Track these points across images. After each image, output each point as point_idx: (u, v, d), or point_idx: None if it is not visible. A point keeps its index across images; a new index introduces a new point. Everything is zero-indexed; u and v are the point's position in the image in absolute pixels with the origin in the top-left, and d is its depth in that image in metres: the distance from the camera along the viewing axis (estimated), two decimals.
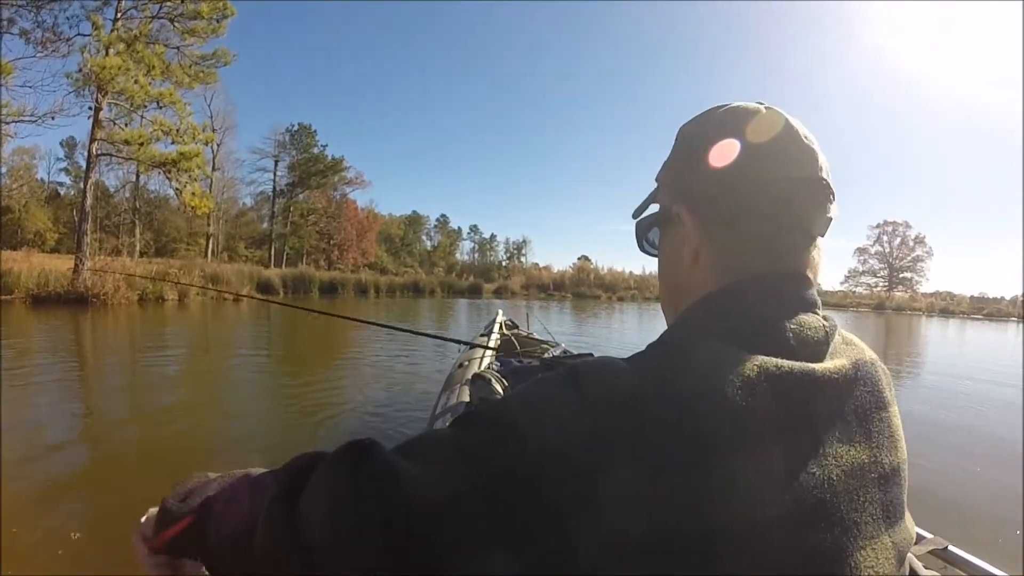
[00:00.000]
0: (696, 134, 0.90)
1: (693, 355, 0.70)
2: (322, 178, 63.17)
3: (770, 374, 0.68)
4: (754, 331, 0.76)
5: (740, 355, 0.70)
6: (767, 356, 0.71)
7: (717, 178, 0.84)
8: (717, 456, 0.61)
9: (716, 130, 0.87)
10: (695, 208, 0.87)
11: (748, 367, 0.68)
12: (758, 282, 0.82)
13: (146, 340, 15.04)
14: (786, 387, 0.68)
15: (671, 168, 0.94)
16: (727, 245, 0.84)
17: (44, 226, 56.52)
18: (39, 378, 8.50)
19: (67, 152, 63.70)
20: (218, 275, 31.41)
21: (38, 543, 3.56)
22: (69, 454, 5.38)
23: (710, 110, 0.92)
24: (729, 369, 0.67)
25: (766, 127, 0.85)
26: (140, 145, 24.34)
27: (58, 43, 24.61)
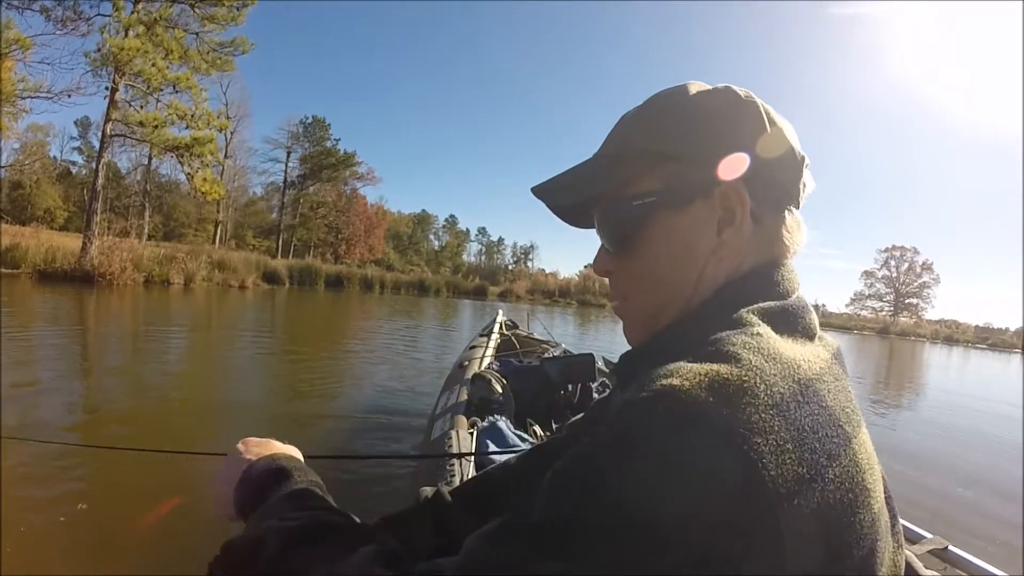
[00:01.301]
0: (726, 109, 0.82)
1: (779, 354, 0.63)
2: (333, 172, 63.17)
3: (829, 366, 0.69)
4: (794, 318, 0.75)
5: (810, 348, 0.71)
6: (814, 345, 0.73)
7: (776, 158, 0.81)
8: (831, 460, 0.58)
9: (747, 111, 0.82)
10: (752, 187, 0.79)
11: (821, 361, 0.68)
12: (780, 267, 0.81)
13: (151, 318, 15.12)
14: (840, 380, 0.69)
15: (701, 143, 0.81)
16: (770, 230, 0.82)
17: (54, 204, 56.69)
18: (42, 351, 8.57)
19: (81, 131, 63.77)
20: (225, 262, 31.42)
21: (42, 514, 3.57)
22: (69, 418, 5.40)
23: (712, 90, 0.85)
24: (815, 365, 0.65)
25: (771, 110, 0.84)
26: (155, 128, 24.45)
27: (78, 22, 24.77)
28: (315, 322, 19.70)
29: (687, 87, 0.86)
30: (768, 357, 0.61)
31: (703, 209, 0.80)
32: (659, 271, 0.83)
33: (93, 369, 8.44)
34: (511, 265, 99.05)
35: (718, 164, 0.78)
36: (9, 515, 3.38)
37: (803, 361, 0.64)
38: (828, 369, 0.67)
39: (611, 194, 0.86)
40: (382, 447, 5.62)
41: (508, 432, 3.27)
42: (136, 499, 3.77)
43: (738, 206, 0.79)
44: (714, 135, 0.81)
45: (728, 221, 0.79)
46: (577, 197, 0.91)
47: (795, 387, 0.59)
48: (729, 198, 0.79)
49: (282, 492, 0.89)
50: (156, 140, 25.13)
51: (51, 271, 22.49)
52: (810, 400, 0.59)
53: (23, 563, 3.05)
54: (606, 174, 0.87)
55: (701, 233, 0.80)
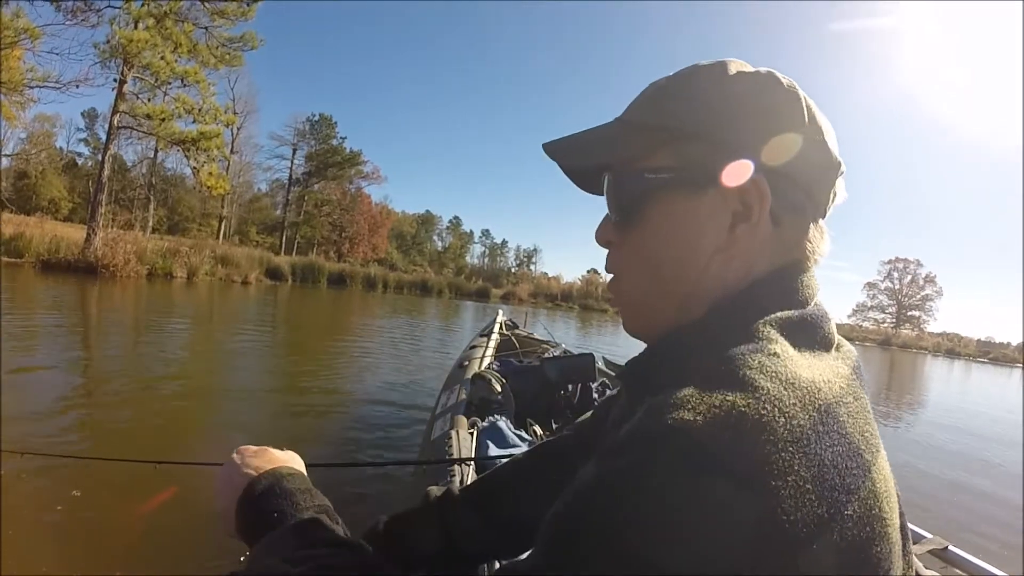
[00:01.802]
0: (765, 96, 0.76)
1: (797, 378, 0.58)
2: (339, 170, 63.38)
3: (849, 384, 0.64)
4: (813, 328, 0.71)
5: (829, 363, 0.66)
6: (833, 357, 0.69)
7: (809, 158, 0.76)
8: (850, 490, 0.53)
9: (787, 100, 0.76)
10: (776, 184, 0.73)
11: (841, 379, 0.63)
12: (800, 273, 0.76)
13: (153, 309, 15.14)
14: (860, 399, 0.64)
15: (730, 127, 0.75)
16: (790, 234, 0.76)
17: (59, 194, 56.76)
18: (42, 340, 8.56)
19: (88, 123, 64.06)
20: (228, 257, 31.49)
21: (37, 497, 3.60)
22: (67, 415, 5.43)
23: (753, 72, 0.78)
24: (836, 386, 0.60)
25: (814, 106, 0.78)
26: (162, 120, 24.56)
27: (88, 13, 24.76)
28: (317, 319, 19.74)
29: (727, 65, 0.79)
30: (786, 383, 0.56)
31: (718, 199, 0.74)
32: (654, 255, 0.78)
33: (93, 359, 8.45)
34: (514, 268, 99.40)
35: (745, 152, 0.73)
36: (6, 513, 3.37)
37: (823, 383, 0.59)
38: (848, 388, 0.63)
39: (625, 162, 0.80)
40: (382, 445, 5.65)
41: (508, 432, 3.26)
42: (131, 493, 3.77)
43: (757, 201, 0.73)
44: (746, 120, 0.75)
45: (744, 216, 0.73)
46: (591, 161, 0.86)
47: (815, 416, 0.54)
48: (748, 191, 0.73)
49: (288, 523, 0.85)
50: (163, 133, 25.21)
51: (55, 261, 22.55)
52: (830, 429, 0.54)
53: (19, 562, 3.05)
54: (624, 141, 0.81)
55: (710, 224, 0.74)
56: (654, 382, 0.65)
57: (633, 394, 0.81)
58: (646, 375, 0.78)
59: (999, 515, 6.08)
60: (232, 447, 1.01)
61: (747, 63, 0.80)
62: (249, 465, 0.96)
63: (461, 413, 3.59)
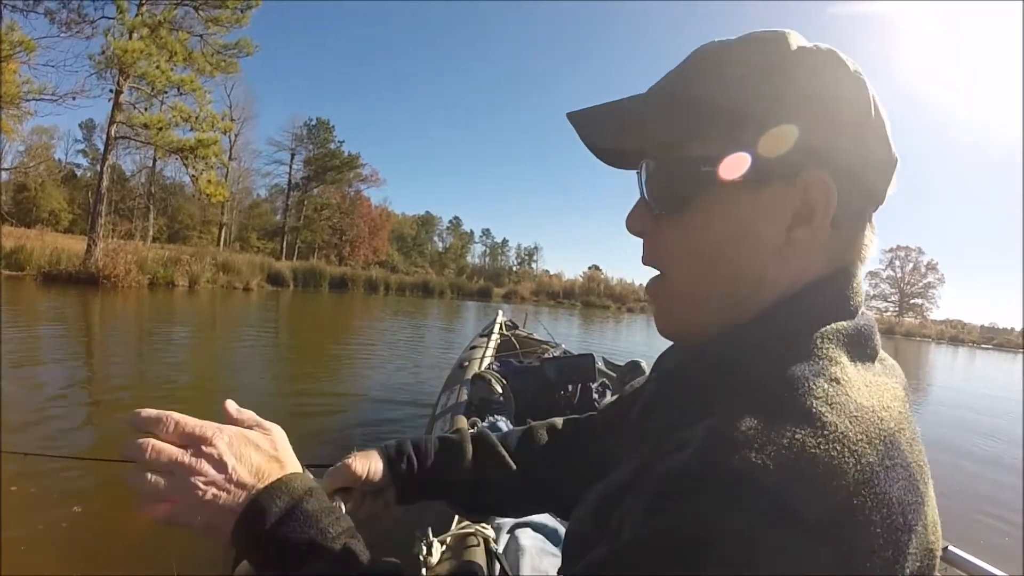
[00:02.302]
0: (833, 82, 0.69)
1: (861, 408, 0.56)
2: (337, 174, 63.32)
3: (904, 406, 0.63)
4: (866, 340, 0.69)
5: (885, 383, 0.64)
6: (884, 371, 0.68)
7: (872, 154, 0.70)
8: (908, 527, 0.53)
9: (855, 89, 0.70)
10: (841, 185, 0.67)
11: (899, 402, 0.62)
12: (852, 278, 0.72)
13: (155, 318, 15.11)
14: (912, 421, 0.64)
15: (796, 116, 0.67)
16: (846, 236, 0.72)
17: (59, 206, 56.79)
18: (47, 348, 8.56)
19: (85, 134, 63.91)
20: (229, 264, 31.44)
21: (39, 515, 3.58)
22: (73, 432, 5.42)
23: (815, 51, 0.71)
24: (895, 410, 0.60)
25: (876, 95, 0.72)
26: (159, 130, 24.54)
27: (82, 24, 24.92)
28: (319, 323, 19.78)
29: (787, 39, 0.71)
30: (852, 416, 0.54)
31: (779, 196, 0.68)
32: (710, 252, 0.72)
33: (96, 367, 8.50)
34: (515, 267, 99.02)
35: (812, 147, 0.67)
36: (7, 518, 3.39)
37: (883, 409, 0.58)
38: (904, 413, 0.62)
39: (670, 147, 0.73)
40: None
41: None
42: (133, 498, 3.75)
43: (821, 203, 0.67)
44: (813, 110, 0.68)
45: (805, 218, 0.68)
46: (629, 143, 0.78)
47: (881, 450, 0.53)
48: (814, 191, 0.67)
49: (321, 560, 0.73)
50: (160, 142, 25.22)
51: (56, 273, 22.52)
52: (894, 461, 0.54)
53: (22, 565, 3.06)
54: (671, 122, 0.73)
55: (770, 223, 0.69)
56: (707, 393, 0.65)
57: (675, 395, 0.77)
58: (694, 381, 0.72)
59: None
60: None
61: (803, 37, 0.73)
62: (242, 467, 0.77)
63: (461, 413, 3.60)
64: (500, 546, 1.93)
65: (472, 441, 1.16)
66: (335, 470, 1.03)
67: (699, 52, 0.76)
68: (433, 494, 1.12)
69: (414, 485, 1.09)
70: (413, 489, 1.09)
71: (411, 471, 1.09)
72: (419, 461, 1.10)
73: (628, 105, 0.78)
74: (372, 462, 1.06)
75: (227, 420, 0.86)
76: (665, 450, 0.58)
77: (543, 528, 2.19)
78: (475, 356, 5.23)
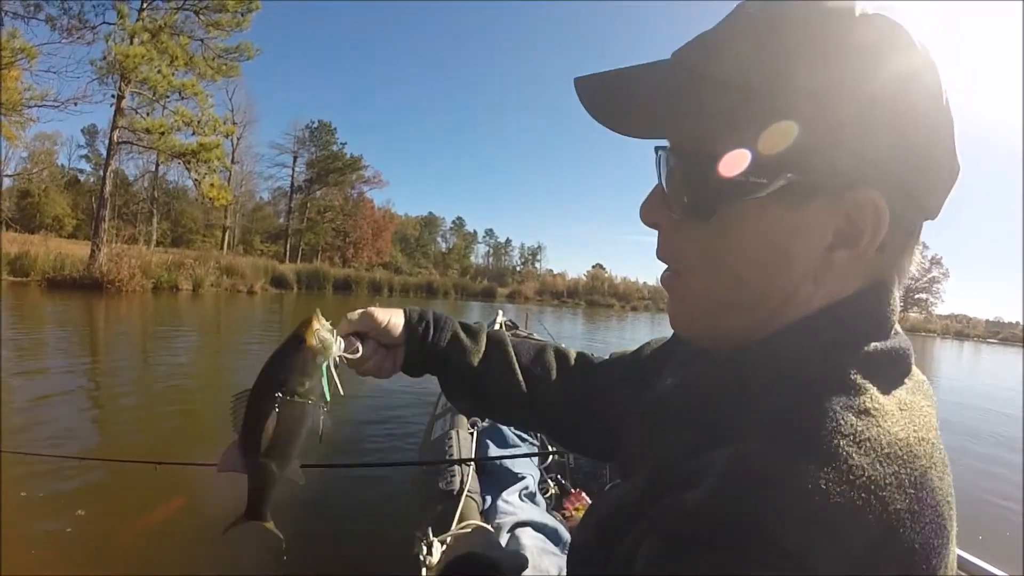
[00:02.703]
0: (905, 77, 0.58)
1: (892, 447, 0.51)
2: (340, 176, 63.36)
3: (936, 437, 0.58)
4: (901, 361, 0.63)
5: (918, 408, 0.59)
6: (916, 390, 0.63)
7: (936, 163, 0.61)
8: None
9: (927, 73, 0.59)
10: (895, 204, 0.59)
11: (932, 432, 0.57)
12: (890, 295, 0.65)
13: (159, 322, 15.14)
14: (942, 451, 0.58)
15: (856, 122, 0.57)
16: (891, 256, 0.64)
17: (63, 211, 56.95)
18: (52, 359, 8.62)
19: (88, 139, 64.21)
20: (233, 267, 31.52)
21: (43, 518, 3.59)
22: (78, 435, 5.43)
23: (879, 22, 0.59)
24: (927, 443, 0.55)
25: (940, 86, 0.61)
26: (161, 134, 24.59)
27: (83, 30, 24.96)
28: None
29: (852, 9, 0.58)
30: (883, 455, 0.50)
31: (822, 212, 0.60)
32: (735, 266, 0.64)
33: (101, 371, 8.50)
34: (519, 266, 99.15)
35: (866, 157, 0.57)
36: (10, 518, 3.42)
37: (917, 443, 0.53)
38: (936, 445, 0.56)
39: (700, 143, 0.63)
40: (383, 445, 5.74)
41: (508, 432, 3.29)
42: (140, 502, 3.81)
43: (869, 226, 0.59)
44: (876, 111, 0.57)
45: (849, 240, 0.60)
46: (650, 131, 0.67)
47: (910, 494, 0.49)
48: (862, 212, 0.59)
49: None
50: (163, 147, 25.27)
51: (60, 279, 22.57)
52: (924, 505, 0.50)
53: (24, 566, 3.08)
54: (699, 110, 0.62)
55: (807, 243, 0.61)
56: (727, 413, 0.62)
57: (695, 408, 0.70)
58: (715, 397, 0.67)
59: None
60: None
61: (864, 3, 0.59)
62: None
63: (461, 413, 3.62)
64: None
65: (488, 336, 1.19)
66: (358, 314, 1.08)
67: (739, 15, 0.64)
68: (437, 369, 1.15)
69: (424, 353, 1.12)
70: (421, 356, 1.13)
71: (425, 337, 1.12)
72: (435, 331, 1.14)
73: (648, 79, 0.67)
74: (393, 316, 1.11)
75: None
76: (678, 478, 0.56)
77: (543, 528, 2.21)
78: None
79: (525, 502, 2.51)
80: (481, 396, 1.18)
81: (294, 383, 0.88)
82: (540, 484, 2.99)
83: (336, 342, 0.94)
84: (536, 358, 1.19)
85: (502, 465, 2.79)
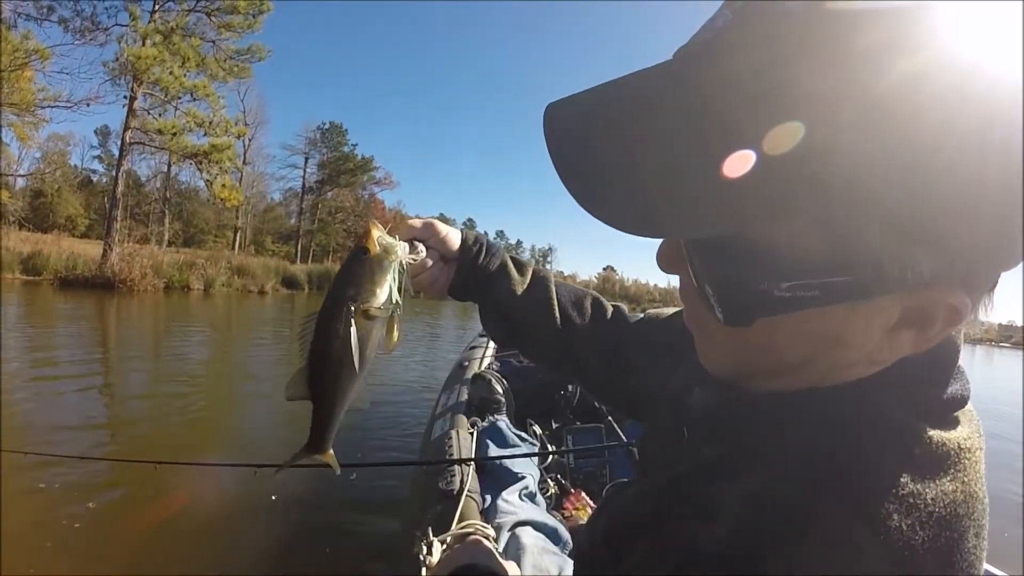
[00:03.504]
0: (1000, 137, 0.40)
1: (934, 505, 0.46)
2: (351, 177, 63.40)
3: (980, 485, 0.51)
4: (953, 402, 0.56)
5: (971, 457, 0.51)
6: (976, 437, 0.54)
7: (1015, 235, 0.44)
8: None
9: (1002, 138, 0.40)
10: (972, 289, 0.47)
11: (977, 478, 0.51)
12: (956, 345, 0.56)
13: (170, 321, 15.20)
14: (984, 500, 0.51)
15: (937, 215, 0.42)
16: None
17: (75, 211, 57.18)
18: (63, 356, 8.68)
19: (101, 140, 64.52)
20: (244, 267, 31.65)
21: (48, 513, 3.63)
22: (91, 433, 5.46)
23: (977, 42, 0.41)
24: (967, 497, 0.48)
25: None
26: (173, 135, 24.75)
27: (96, 32, 25.22)
28: None
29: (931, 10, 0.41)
30: (924, 516, 0.45)
31: (885, 304, 0.48)
32: (773, 350, 0.54)
33: (111, 369, 8.59)
34: None
35: (951, 249, 0.44)
36: (10, 517, 3.44)
37: (962, 502, 0.47)
38: (981, 498, 0.50)
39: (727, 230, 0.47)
40: (383, 445, 5.76)
41: (508, 432, 3.28)
42: (141, 501, 3.84)
43: (942, 320, 0.48)
44: (970, 190, 0.41)
45: (917, 324, 0.49)
46: (654, 230, 0.49)
47: (942, 559, 0.45)
48: (937, 309, 0.47)
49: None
50: (175, 147, 25.45)
51: (72, 278, 22.78)
52: (956, 569, 0.45)
53: (24, 564, 3.09)
54: (740, 209, 0.45)
55: (867, 330, 0.50)
56: (757, 434, 0.57)
57: (719, 428, 0.64)
58: (747, 414, 0.61)
59: None
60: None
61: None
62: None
63: (461, 413, 3.61)
64: (501, 545, 1.95)
65: (533, 271, 1.21)
66: (420, 222, 1.12)
67: (778, 21, 0.44)
68: (478, 295, 1.17)
69: (471, 275, 1.14)
70: (468, 278, 1.14)
71: (477, 258, 1.14)
72: (486, 255, 1.15)
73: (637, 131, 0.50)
74: (452, 232, 1.14)
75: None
76: (695, 503, 0.52)
77: (544, 527, 2.21)
78: (475, 356, 5.23)
79: (525, 502, 2.51)
80: (517, 328, 1.19)
81: (366, 294, 0.87)
82: (540, 484, 2.98)
83: (400, 245, 0.94)
84: (576, 303, 1.21)
85: (502, 465, 2.79)
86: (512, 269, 1.17)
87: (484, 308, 1.18)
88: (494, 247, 1.17)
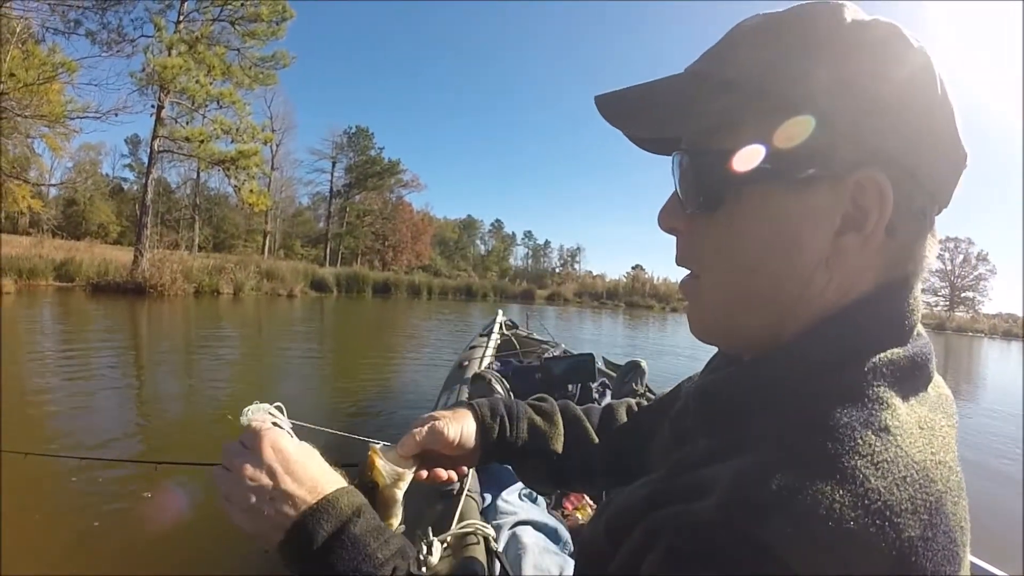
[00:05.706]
0: (894, 62, 0.60)
1: (908, 469, 0.50)
2: (378, 180, 63.70)
3: (955, 458, 0.57)
4: (921, 371, 0.62)
5: (937, 426, 0.58)
6: (935, 407, 0.62)
7: (938, 147, 0.62)
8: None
9: (920, 69, 0.61)
10: (899, 185, 0.59)
11: (951, 452, 0.57)
12: (909, 293, 0.64)
13: (201, 325, 15.36)
14: (959, 473, 0.57)
15: (852, 105, 0.59)
16: (902, 243, 0.63)
17: (107, 219, 58.15)
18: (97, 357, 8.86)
19: (131, 149, 65.35)
20: (273, 271, 31.95)
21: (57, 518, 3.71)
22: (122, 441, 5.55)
23: (871, 24, 0.62)
24: (945, 466, 0.54)
25: (935, 74, 0.62)
26: (200, 143, 25.04)
27: (122, 44, 25.50)
28: (361, 328, 19.86)
29: (841, 12, 0.62)
30: (900, 478, 0.49)
31: (826, 197, 0.60)
32: (746, 257, 0.65)
33: (143, 369, 8.90)
34: (558, 268, 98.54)
35: (864, 139, 0.59)
36: (10, 517, 3.49)
37: (934, 466, 0.52)
38: (954, 468, 0.56)
39: (705, 136, 0.66)
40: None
41: None
42: (141, 501, 3.90)
43: (875, 206, 0.59)
44: (868, 97, 0.59)
45: (855, 223, 0.60)
46: (658, 131, 0.72)
47: (924, 520, 0.48)
48: (866, 193, 0.59)
49: None
50: (203, 155, 25.79)
51: (104, 283, 23.24)
52: (937, 531, 0.49)
53: (24, 565, 3.14)
54: (703, 108, 0.66)
55: (815, 228, 0.61)
56: (740, 422, 0.62)
57: (708, 416, 0.70)
58: (728, 405, 0.67)
59: None
60: None
61: (857, 7, 0.64)
62: (280, 486, 0.78)
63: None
64: (500, 545, 1.98)
65: (560, 412, 1.15)
66: (425, 431, 1.00)
67: (739, 28, 0.68)
68: (511, 459, 1.11)
69: (500, 450, 1.08)
70: (496, 454, 1.08)
71: (502, 435, 1.08)
72: (512, 426, 1.09)
73: (659, 88, 0.70)
74: (464, 426, 1.04)
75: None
76: (689, 485, 0.57)
77: (544, 527, 2.22)
78: (475, 356, 5.26)
79: (525, 501, 2.47)
80: (567, 478, 1.13)
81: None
82: None
83: (409, 471, 0.93)
84: (605, 417, 1.18)
85: (502, 464, 2.81)
86: (543, 425, 1.11)
87: (521, 469, 1.14)
88: (514, 410, 1.11)
